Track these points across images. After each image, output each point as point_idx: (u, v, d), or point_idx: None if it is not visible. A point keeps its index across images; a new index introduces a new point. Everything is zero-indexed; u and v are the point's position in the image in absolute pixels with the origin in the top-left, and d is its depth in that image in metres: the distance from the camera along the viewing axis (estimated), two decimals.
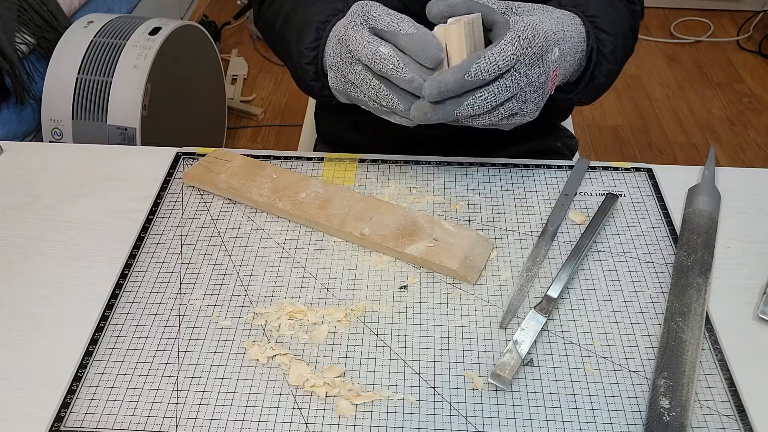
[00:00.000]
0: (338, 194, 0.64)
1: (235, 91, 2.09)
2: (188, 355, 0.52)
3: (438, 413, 0.48)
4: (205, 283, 0.58)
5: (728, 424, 0.47)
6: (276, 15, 0.69)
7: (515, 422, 0.47)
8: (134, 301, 0.56)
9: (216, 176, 0.66)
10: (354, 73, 0.54)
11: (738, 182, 0.68)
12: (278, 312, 0.55)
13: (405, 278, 0.58)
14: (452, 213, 0.64)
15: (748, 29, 2.38)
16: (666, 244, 0.61)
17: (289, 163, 0.71)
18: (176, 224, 0.64)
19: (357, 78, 0.54)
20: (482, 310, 0.55)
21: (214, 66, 1.70)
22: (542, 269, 0.59)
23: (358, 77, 0.53)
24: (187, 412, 0.48)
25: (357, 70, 0.53)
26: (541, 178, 0.68)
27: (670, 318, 0.53)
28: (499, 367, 0.50)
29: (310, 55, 0.61)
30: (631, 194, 0.66)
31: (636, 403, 0.49)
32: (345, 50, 0.54)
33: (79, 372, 0.51)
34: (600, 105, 2.08)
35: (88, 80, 1.31)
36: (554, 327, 0.54)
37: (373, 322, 0.54)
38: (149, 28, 1.37)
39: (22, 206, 0.66)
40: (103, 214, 0.65)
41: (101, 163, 0.71)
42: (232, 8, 2.47)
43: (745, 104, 2.08)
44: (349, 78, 0.55)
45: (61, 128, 1.33)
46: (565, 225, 0.63)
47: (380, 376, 0.50)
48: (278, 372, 0.51)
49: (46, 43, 1.36)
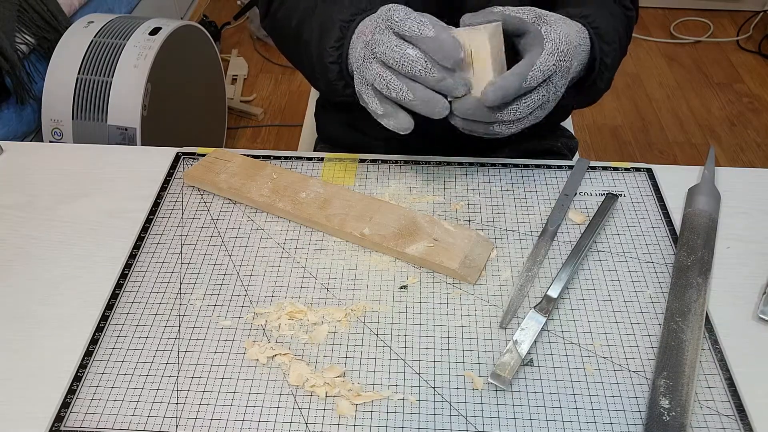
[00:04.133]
0: (338, 194, 0.64)
1: (235, 91, 2.09)
2: (188, 355, 0.52)
3: (438, 413, 0.48)
4: (205, 283, 0.58)
5: (728, 424, 0.47)
6: (290, 14, 0.69)
7: (515, 422, 0.47)
8: (134, 301, 0.56)
9: (216, 176, 0.66)
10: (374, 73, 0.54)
11: (738, 182, 0.68)
12: (278, 312, 0.55)
13: (405, 278, 0.58)
14: (452, 213, 0.64)
15: (748, 29, 2.38)
16: (666, 244, 0.61)
17: (289, 163, 0.71)
18: (176, 224, 0.64)
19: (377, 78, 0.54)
20: (482, 310, 0.55)
21: (214, 66, 1.70)
22: (542, 269, 0.59)
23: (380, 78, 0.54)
24: (187, 412, 0.48)
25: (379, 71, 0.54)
26: (541, 178, 0.68)
27: (670, 318, 0.53)
28: (499, 367, 0.50)
29: (334, 54, 0.61)
30: (631, 194, 0.66)
31: (636, 403, 0.49)
32: (369, 53, 0.55)
33: (79, 372, 0.51)
34: (600, 105, 2.08)
35: (88, 80, 1.31)
36: (554, 327, 0.54)
37: (373, 322, 0.54)
38: (149, 28, 1.37)
39: (22, 206, 0.66)
40: (103, 214, 0.65)
41: (101, 163, 0.71)
42: (232, 8, 2.47)
43: (744, 104, 2.08)
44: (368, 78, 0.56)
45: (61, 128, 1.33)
46: (565, 225, 0.63)
47: (380, 376, 0.50)
48: (278, 372, 0.51)
49: (47, 43, 1.36)
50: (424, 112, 0.54)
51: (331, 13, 0.62)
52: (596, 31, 0.61)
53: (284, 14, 0.70)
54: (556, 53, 0.53)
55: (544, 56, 0.52)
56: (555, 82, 0.54)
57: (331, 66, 0.62)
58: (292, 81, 2.19)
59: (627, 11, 0.70)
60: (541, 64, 0.52)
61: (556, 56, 0.53)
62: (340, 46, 0.61)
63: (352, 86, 0.62)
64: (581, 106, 0.69)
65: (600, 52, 0.61)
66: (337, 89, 0.64)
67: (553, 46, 0.53)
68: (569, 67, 0.55)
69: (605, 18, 0.63)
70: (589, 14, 0.62)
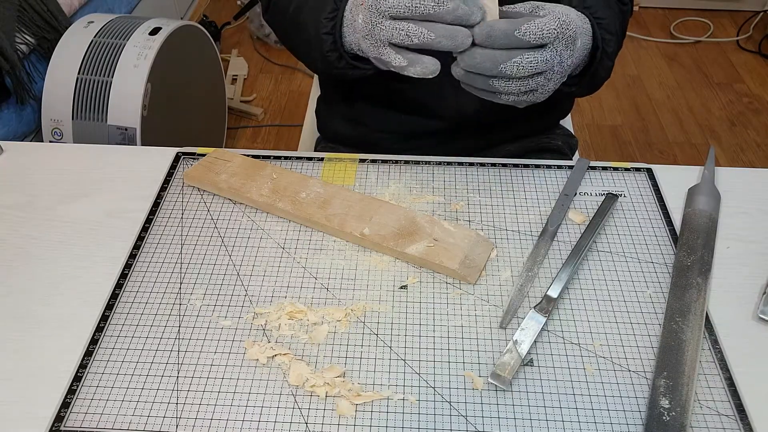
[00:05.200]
0: (338, 194, 0.64)
1: (235, 91, 2.09)
2: (188, 355, 0.52)
3: (438, 413, 0.48)
4: (205, 283, 0.58)
5: (728, 424, 0.47)
6: (288, 2, 0.70)
7: (515, 422, 0.47)
8: (134, 301, 0.56)
9: (216, 176, 0.66)
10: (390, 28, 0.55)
11: (738, 182, 0.68)
12: (278, 312, 0.55)
13: (405, 278, 0.58)
14: (452, 213, 0.64)
15: (748, 29, 2.38)
16: (666, 244, 0.61)
17: (289, 163, 0.71)
18: (176, 224, 0.64)
19: (395, 32, 0.54)
20: (482, 310, 0.55)
21: (214, 66, 1.70)
22: (542, 269, 0.59)
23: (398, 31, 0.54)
24: (187, 412, 0.48)
25: (394, 25, 0.54)
26: (541, 178, 0.68)
27: (670, 318, 0.53)
28: (499, 367, 0.50)
29: (328, 26, 0.62)
30: (631, 194, 0.66)
31: (636, 403, 0.49)
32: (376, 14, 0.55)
33: (79, 372, 0.51)
34: (600, 105, 2.08)
35: (88, 80, 1.31)
36: (554, 327, 0.54)
37: (373, 322, 0.54)
38: (149, 28, 1.37)
39: (22, 206, 0.66)
40: (103, 214, 0.65)
41: (101, 163, 0.71)
42: (232, 8, 2.47)
43: (744, 104, 2.08)
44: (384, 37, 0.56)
45: (61, 128, 1.33)
46: (565, 225, 0.63)
47: (380, 376, 0.50)
48: (278, 372, 0.51)
49: (46, 43, 1.36)
50: (448, 47, 0.54)
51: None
52: (597, 20, 0.62)
53: (283, 3, 0.72)
54: (556, 20, 0.54)
55: (544, 19, 0.53)
56: (559, 50, 0.54)
57: (325, 37, 0.63)
58: (292, 81, 2.19)
59: (623, 5, 0.71)
60: (540, 22, 0.53)
61: (557, 22, 0.53)
62: (334, 17, 0.62)
63: (345, 59, 0.63)
64: (582, 94, 0.70)
65: (601, 40, 0.62)
66: (331, 61, 0.64)
67: (553, 16, 0.54)
68: (574, 39, 0.55)
69: (606, 10, 0.64)
70: (590, 5, 0.64)
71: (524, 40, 0.53)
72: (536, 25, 0.53)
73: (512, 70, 0.54)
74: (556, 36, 0.54)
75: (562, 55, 0.55)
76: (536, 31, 0.53)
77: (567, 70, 0.57)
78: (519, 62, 0.53)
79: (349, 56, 0.63)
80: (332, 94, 0.87)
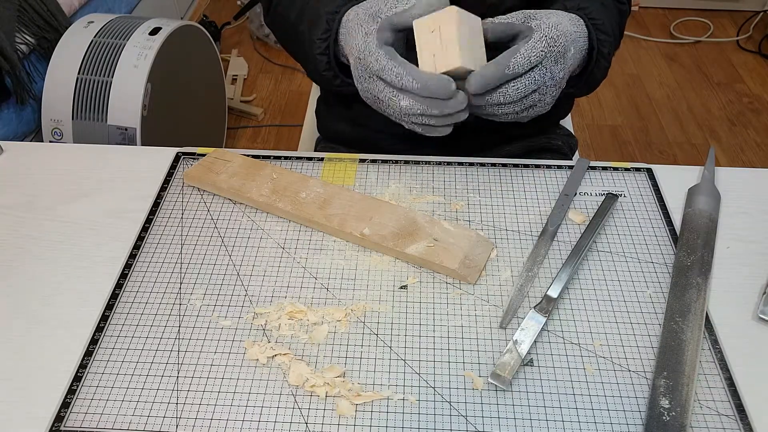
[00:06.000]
0: (338, 194, 0.64)
1: (235, 91, 2.09)
2: (188, 355, 0.52)
3: (438, 413, 0.48)
4: (205, 283, 0.58)
5: (728, 424, 0.47)
6: (289, 8, 0.71)
7: (515, 422, 0.47)
8: (134, 301, 0.56)
9: (216, 176, 0.66)
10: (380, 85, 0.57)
11: (738, 182, 0.68)
12: (278, 312, 0.55)
13: (405, 278, 0.58)
14: (452, 213, 0.64)
15: (748, 29, 2.38)
16: (666, 244, 0.61)
17: (289, 163, 0.71)
18: (176, 224, 0.64)
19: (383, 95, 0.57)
20: (482, 310, 0.55)
21: (214, 66, 1.70)
22: (542, 269, 0.59)
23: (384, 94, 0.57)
24: (187, 412, 0.48)
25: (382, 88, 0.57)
26: (541, 178, 0.68)
27: (670, 318, 0.53)
28: (499, 367, 0.50)
29: (321, 46, 0.64)
30: (631, 194, 0.66)
31: (636, 403, 0.49)
32: (365, 70, 0.58)
33: (79, 372, 0.51)
34: (600, 105, 2.08)
35: (88, 80, 1.31)
36: (554, 327, 0.54)
37: (373, 322, 0.54)
38: (149, 28, 1.37)
39: (22, 206, 0.66)
40: (103, 214, 0.65)
41: (101, 163, 0.71)
42: (232, 8, 2.47)
43: (744, 104, 2.08)
44: (372, 92, 0.58)
45: (61, 128, 1.33)
46: (565, 225, 0.63)
47: (380, 376, 0.50)
48: (278, 372, 0.51)
49: (46, 43, 1.36)
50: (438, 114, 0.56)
51: (319, 5, 0.65)
52: (592, 22, 0.63)
53: (284, 9, 0.72)
54: (544, 40, 0.55)
55: (530, 44, 0.55)
56: (549, 67, 0.56)
57: (320, 57, 0.64)
58: (292, 81, 2.19)
59: (620, 5, 0.72)
60: (526, 50, 0.54)
61: (545, 42, 0.55)
62: (327, 38, 0.63)
63: (340, 77, 0.65)
64: (581, 94, 0.71)
65: (597, 41, 0.62)
66: (328, 79, 0.66)
67: (540, 35, 0.55)
68: (563, 52, 0.56)
69: (601, 11, 0.65)
70: (586, 6, 0.64)
71: (514, 74, 0.54)
72: (522, 55, 0.54)
73: (499, 100, 0.55)
74: (545, 55, 0.55)
75: (552, 71, 0.56)
76: (524, 62, 0.54)
77: (561, 81, 0.58)
78: (504, 92, 0.55)
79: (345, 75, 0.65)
80: (332, 95, 0.87)
